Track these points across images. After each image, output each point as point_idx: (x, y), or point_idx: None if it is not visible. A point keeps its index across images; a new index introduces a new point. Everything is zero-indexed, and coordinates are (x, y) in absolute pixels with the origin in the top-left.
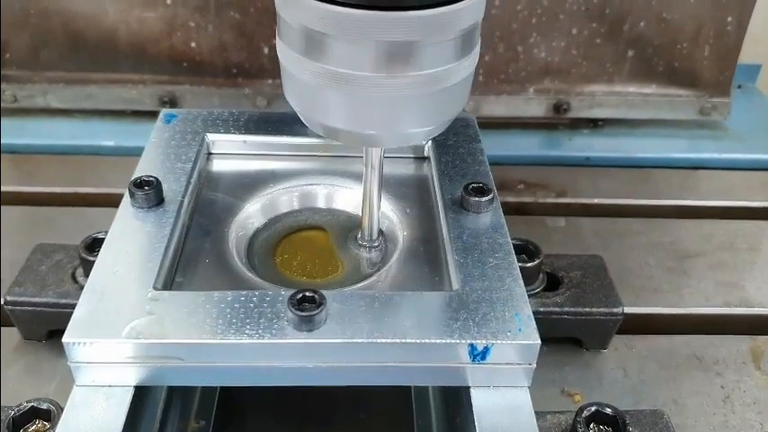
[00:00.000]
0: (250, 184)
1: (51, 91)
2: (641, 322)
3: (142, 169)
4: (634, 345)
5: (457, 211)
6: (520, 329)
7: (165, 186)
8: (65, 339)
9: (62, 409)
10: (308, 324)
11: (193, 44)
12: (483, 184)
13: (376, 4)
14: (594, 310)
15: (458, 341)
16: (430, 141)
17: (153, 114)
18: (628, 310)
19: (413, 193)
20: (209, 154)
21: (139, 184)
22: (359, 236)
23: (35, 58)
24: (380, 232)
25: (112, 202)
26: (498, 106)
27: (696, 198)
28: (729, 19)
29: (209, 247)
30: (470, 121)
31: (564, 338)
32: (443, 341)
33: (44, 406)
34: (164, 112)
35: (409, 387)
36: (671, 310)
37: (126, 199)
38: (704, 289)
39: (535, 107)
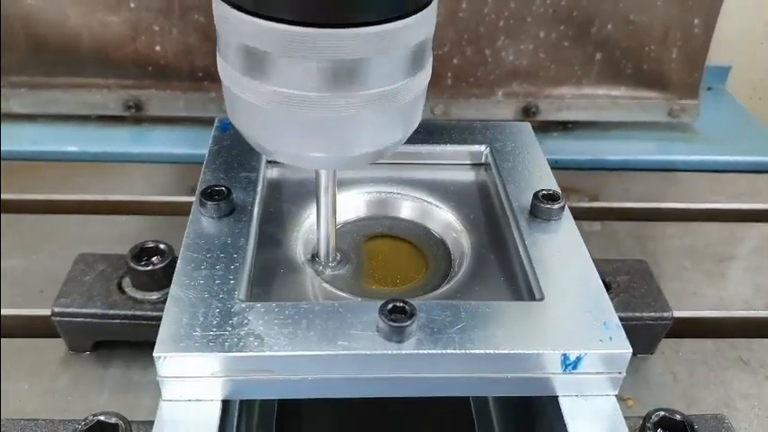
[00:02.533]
0: (312, 191)
1: (13, 96)
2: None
3: (208, 178)
4: (680, 348)
5: (528, 218)
6: (610, 338)
7: (233, 195)
8: (155, 353)
9: (129, 423)
10: (399, 335)
11: (158, 48)
12: (553, 190)
13: (316, 21)
14: (645, 314)
15: (550, 351)
16: (488, 148)
17: (118, 119)
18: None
19: (474, 200)
20: (269, 162)
21: (210, 193)
22: (316, 257)
23: None
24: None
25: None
26: (467, 110)
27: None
28: (696, 21)
29: (281, 257)
30: (525, 128)
31: None
32: (536, 352)
33: (112, 420)
34: (219, 120)
35: (468, 401)
36: (715, 313)
37: (196, 208)
38: (742, 292)
39: (504, 110)
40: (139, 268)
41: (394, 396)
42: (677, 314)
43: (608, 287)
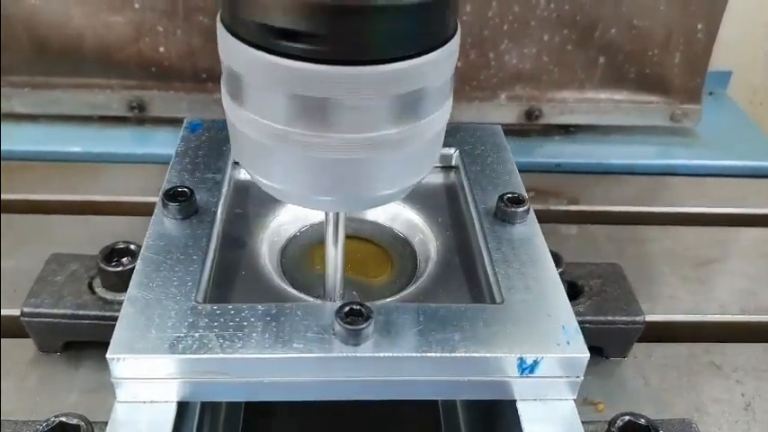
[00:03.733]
0: None
1: (16, 96)
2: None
3: (173, 179)
4: (652, 352)
5: (492, 221)
6: (568, 342)
7: (197, 197)
8: (108, 355)
9: (91, 424)
10: (355, 338)
11: (162, 49)
12: (518, 194)
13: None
14: (617, 318)
15: (507, 355)
16: (457, 151)
17: (120, 120)
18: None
19: (442, 203)
20: (236, 163)
21: (173, 194)
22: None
23: None
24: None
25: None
26: (470, 113)
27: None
28: (699, 26)
29: (243, 259)
30: (496, 131)
31: None
32: (493, 355)
33: (74, 421)
34: (188, 120)
35: (436, 402)
36: (688, 318)
37: (158, 209)
38: (719, 296)
39: (507, 113)
40: (109, 269)
41: (352, 399)
42: (652, 318)
43: (580, 291)
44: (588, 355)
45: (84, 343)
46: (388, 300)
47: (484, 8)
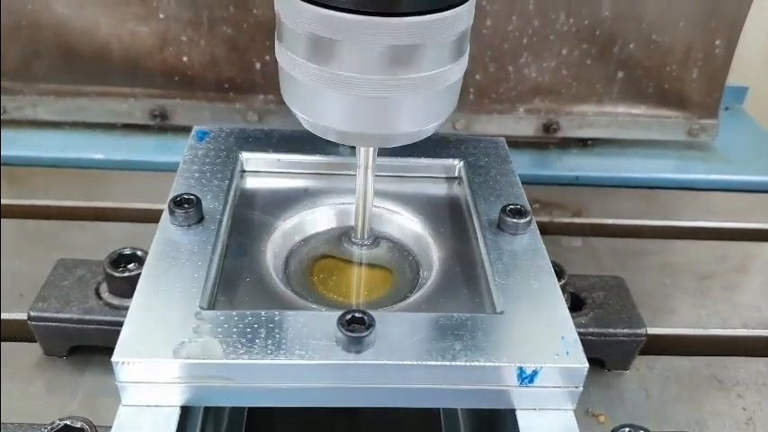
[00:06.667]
0: (284, 202)
1: (41, 103)
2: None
3: (179, 187)
4: (654, 365)
5: (494, 232)
6: (567, 352)
7: (203, 204)
8: (114, 359)
9: (95, 428)
10: (357, 345)
11: (185, 58)
12: (520, 205)
13: (375, 9)
14: (618, 330)
15: (507, 364)
16: (461, 162)
17: (143, 128)
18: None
19: (445, 214)
20: (243, 171)
21: (179, 202)
22: (352, 236)
23: (27, 69)
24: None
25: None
26: (489, 125)
27: (709, 219)
28: (718, 42)
29: (248, 266)
30: (500, 143)
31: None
32: (493, 364)
33: (78, 424)
34: (196, 128)
35: (438, 410)
36: (690, 331)
37: (165, 216)
38: (721, 310)
39: (525, 126)
40: (116, 274)
41: (352, 406)
42: (654, 332)
43: (582, 303)
44: (587, 365)
45: (90, 348)
46: (390, 308)
47: (504, 22)
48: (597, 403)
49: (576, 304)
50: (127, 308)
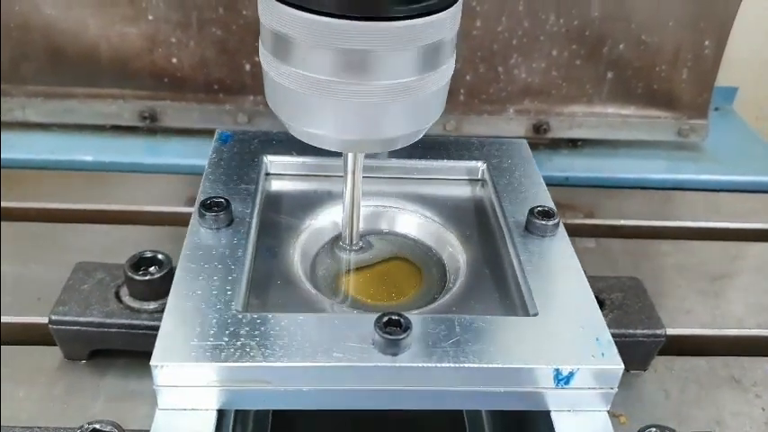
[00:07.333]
0: (309, 204)
1: (30, 105)
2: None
3: (207, 190)
4: (673, 366)
5: (523, 234)
6: (603, 354)
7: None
8: (153, 362)
9: (123, 431)
10: (393, 348)
11: (175, 60)
12: (548, 207)
13: (356, 14)
14: (638, 331)
15: (543, 366)
16: (484, 164)
17: (132, 129)
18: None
19: (470, 216)
20: (267, 174)
21: (209, 205)
22: (341, 241)
23: (15, 71)
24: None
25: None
26: (479, 126)
27: (718, 220)
28: (707, 43)
29: (277, 268)
30: (523, 144)
31: None
32: (529, 366)
33: (107, 428)
34: (219, 131)
35: (461, 412)
36: (708, 332)
37: (195, 219)
38: (735, 310)
39: (515, 127)
40: (137, 278)
41: (388, 408)
42: (672, 332)
43: (602, 304)
44: (623, 366)
45: (109, 351)
46: (423, 311)
47: (494, 23)
48: (617, 404)
49: None
50: (147, 311)
